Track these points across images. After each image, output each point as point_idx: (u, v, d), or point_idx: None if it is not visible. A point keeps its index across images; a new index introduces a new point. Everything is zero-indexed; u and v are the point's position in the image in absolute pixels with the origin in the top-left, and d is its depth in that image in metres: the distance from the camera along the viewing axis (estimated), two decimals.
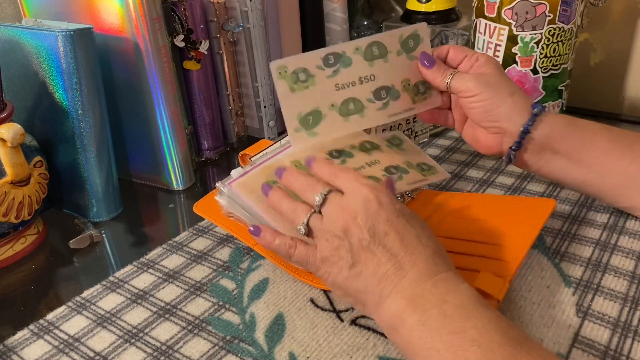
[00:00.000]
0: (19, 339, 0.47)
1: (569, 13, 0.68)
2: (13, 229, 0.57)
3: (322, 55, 0.48)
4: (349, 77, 0.50)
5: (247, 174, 0.53)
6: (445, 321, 0.36)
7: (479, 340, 0.34)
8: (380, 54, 0.51)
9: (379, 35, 0.51)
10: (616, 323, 0.44)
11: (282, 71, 0.46)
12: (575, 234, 0.54)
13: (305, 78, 0.47)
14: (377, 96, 0.52)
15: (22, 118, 0.66)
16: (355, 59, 0.50)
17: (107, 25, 0.65)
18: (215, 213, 0.56)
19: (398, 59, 0.53)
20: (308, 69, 0.47)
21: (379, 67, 0.51)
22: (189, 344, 0.45)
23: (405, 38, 0.53)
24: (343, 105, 0.50)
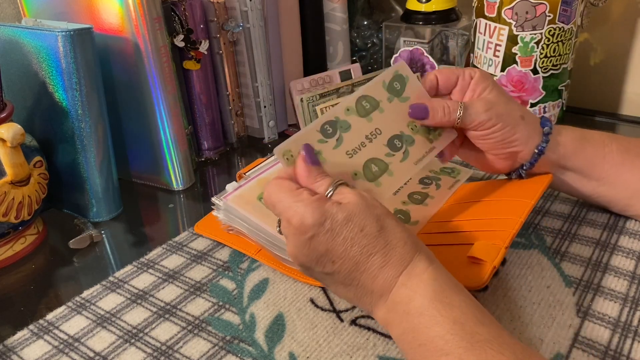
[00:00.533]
0: (19, 339, 0.47)
1: (569, 13, 0.68)
2: (13, 229, 0.57)
3: (318, 128, 0.45)
4: (356, 140, 0.47)
5: (242, 187, 0.54)
6: (415, 334, 0.36)
7: (445, 349, 0.34)
8: (373, 107, 0.48)
9: (363, 89, 0.48)
10: (616, 323, 0.44)
11: (289, 156, 0.43)
12: (576, 234, 0.54)
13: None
14: (393, 148, 0.48)
15: (22, 118, 0.66)
16: (352, 120, 0.47)
17: (107, 25, 0.65)
18: (216, 230, 0.57)
19: (391, 105, 0.50)
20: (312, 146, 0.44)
21: (378, 119, 0.48)
22: (189, 344, 0.45)
23: (389, 83, 0.50)
24: (366, 170, 0.46)
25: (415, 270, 0.38)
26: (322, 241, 0.39)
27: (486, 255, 0.43)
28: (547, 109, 0.74)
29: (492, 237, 0.45)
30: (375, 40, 0.95)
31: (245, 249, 0.55)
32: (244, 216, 0.51)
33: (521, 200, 0.49)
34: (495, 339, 0.34)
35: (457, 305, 0.36)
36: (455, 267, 0.43)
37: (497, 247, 0.44)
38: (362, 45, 0.96)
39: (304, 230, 0.39)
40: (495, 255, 0.43)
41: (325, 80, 0.82)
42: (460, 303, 0.36)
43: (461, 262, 0.44)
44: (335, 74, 0.82)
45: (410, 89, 0.51)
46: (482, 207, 0.51)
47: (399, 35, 0.85)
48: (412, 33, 0.83)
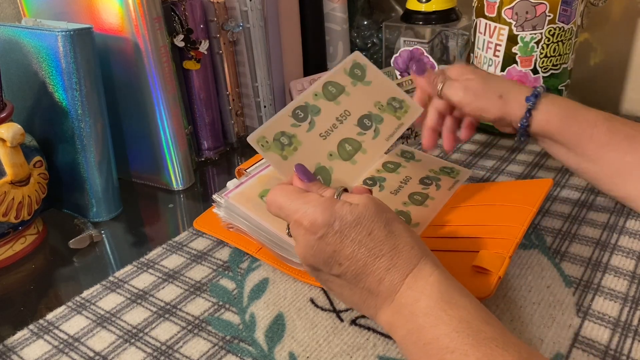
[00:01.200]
0: (19, 339, 0.47)
1: (569, 13, 0.68)
2: (13, 229, 0.57)
3: (289, 113, 0.48)
4: (327, 123, 0.50)
5: (243, 184, 0.54)
6: (420, 333, 0.36)
7: (451, 346, 0.34)
8: (339, 91, 0.52)
9: (327, 76, 0.52)
10: (616, 323, 0.44)
11: (264, 143, 0.45)
12: (576, 234, 0.54)
13: (289, 141, 0.46)
14: (363, 127, 0.52)
15: (22, 118, 0.66)
16: (321, 104, 0.50)
17: (107, 25, 0.65)
18: (216, 227, 0.57)
19: (356, 88, 0.53)
20: (286, 131, 0.47)
21: (345, 102, 0.51)
22: (188, 344, 0.45)
23: (349, 70, 0.53)
24: (340, 149, 0.49)
25: (422, 273, 0.38)
26: (331, 242, 0.39)
27: (491, 265, 0.43)
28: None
29: (496, 246, 0.46)
30: (375, 40, 0.95)
31: (245, 246, 0.55)
32: (245, 214, 0.51)
33: (523, 207, 0.49)
34: (501, 337, 0.34)
35: (463, 305, 0.36)
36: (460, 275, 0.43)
37: (501, 256, 0.44)
38: (362, 45, 0.96)
39: (314, 230, 0.39)
40: (500, 265, 0.43)
41: None
42: (466, 304, 0.36)
43: (466, 270, 0.45)
44: None
45: (371, 75, 0.55)
46: (485, 212, 0.52)
47: (399, 35, 0.85)
48: (412, 33, 0.83)
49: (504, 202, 0.52)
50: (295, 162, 0.46)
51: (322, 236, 0.39)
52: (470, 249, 0.46)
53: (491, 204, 0.52)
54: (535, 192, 0.51)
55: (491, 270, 0.43)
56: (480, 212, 0.52)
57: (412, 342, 0.37)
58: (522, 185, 0.54)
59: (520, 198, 0.51)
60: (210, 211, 0.59)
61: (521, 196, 0.51)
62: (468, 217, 0.52)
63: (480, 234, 0.48)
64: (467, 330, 0.35)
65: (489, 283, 0.42)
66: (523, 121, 0.55)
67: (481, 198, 0.54)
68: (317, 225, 0.39)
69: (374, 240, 0.39)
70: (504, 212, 0.50)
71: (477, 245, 0.47)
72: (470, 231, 0.49)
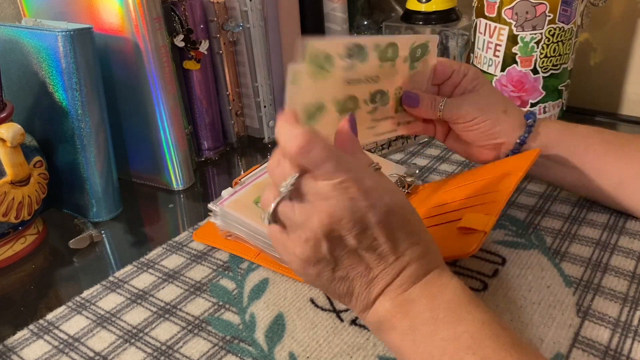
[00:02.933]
0: (19, 339, 0.47)
1: (569, 13, 0.68)
2: (13, 229, 0.57)
3: (348, 44, 0.45)
4: (359, 74, 0.48)
5: (238, 192, 0.54)
6: (437, 326, 0.35)
7: (474, 347, 0.34)
8: (392, 57, 0.50)
9: (397, 37, 0.50)
10: (616, 323, 0.44)
11: (314, 55, 0.41)
12: (576, 234, 0.54)
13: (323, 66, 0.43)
14: (372, 99, 0.51)
15: (22, 118, 0.66)
16: (372, 56, 0.48)
17: (107, 25, 0.65)
18: (215, 237, 0.57)
19: (403, 65, 0.52)
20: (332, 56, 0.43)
21: (385, 69, 0.50)
22: (188, 344, 0.45)
23: (415, 46, 0.52)
24: (345, 102, 0.48)
25: (445, 273, 0.39)
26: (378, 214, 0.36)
27: (476, 224, 0.43)
28: (547, 109, 0.74)
29: (482, 209, 0.45)
30: None
31: (245, 253, 0.55)
32: (241, 220, 0.52)
33: (509, 176, 0.49)
34: (518, 344, 0.34)
35: (484, 310, 0.36)
36: (447, 240, 0.43)
37: (486, 217, 0.44)
38: None
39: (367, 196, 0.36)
40: (485, 222, 0.43)
41: None
42: (487, 309, 0.37)
43: (452, 235, 0.44)
44: None
45: (423, 63, 0.54)
46: (472, 186, 0.52)
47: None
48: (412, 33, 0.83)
49: (490, 175, 0.52)
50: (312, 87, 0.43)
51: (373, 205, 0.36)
52: (456, 218, 0.46)
53: (478, 180, 0.52)
54: (521, 160, 0.51)
55: (476, 227, 0.42)
56: (467, 187, 0.52)
57: (426, 334, 0.35)
58: (509, 159, 0.54)
59: (505, 169, 0.51)
60: (208, 223, 0.60)
61: (506, 167, 0.51)
62: (455, 195, 0.52)
63: (466, 204, 0.48)
64: (489, 333, 0.34)
65: (475, 240, 0.42)
66: (524, 136, 0.54)
67: (469, 177, 0.54)
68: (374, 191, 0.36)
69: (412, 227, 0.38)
70: (490, 182, 0.50)
71: (463, 214, 0.46)
72: (457, 205, 0.49)
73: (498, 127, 0.54)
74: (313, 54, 0.41)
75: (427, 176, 0.67)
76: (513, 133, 0.55)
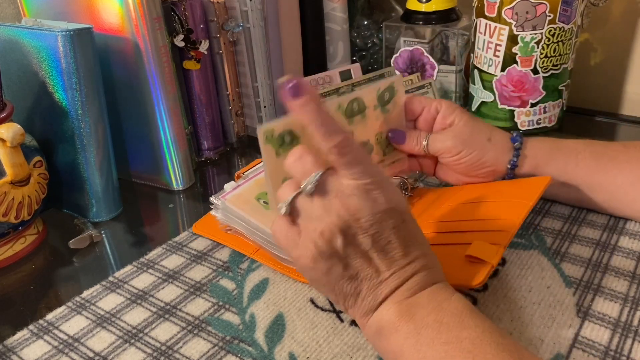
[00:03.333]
0: (19, 339, 0.47)
1: (569, 13, 0.68)
2: (13, 229, 0.57)
3: None
4: None
5: (240, 186, 0.54)
6: (440, 330, 0.36)
7: (474, 352, 0.34)
8: (359, 110, 0.50)
9: (360, 92, 0.50)
10: (616, 323, 0.44)
11: (269, 135, 0.43)
12: (576, 234, 0.54)
13: (290, 140, 0.44)
14: None
15: (22, 118, 0.66)
16: (337, 117, 0.49)
17: (107, 25, 0.65)
18: (215, 230, 0.57)
19: (374, 113, 0.52)
20: (294, 131, 0.44)
21: (356, 123, 0.51)
22: (188, 344, 0.45)
23: (382, 91, 0.52)
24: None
25: (449, 287, 0.39)
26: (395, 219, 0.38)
27: (484, 254, 0.43)
28: (547, 109, 0.74)
29: (491, 238, 0.45)
30: (375, 40, 0.95)
31: (244, 248, 0.55)
32: (242, 216, 0.51)
33: (520, 202, 0.49)
34: (517, 352, 0.35)
35: (485, 319, 0.37)
36: (454, 266, 0.43)
37: (495, 247, 0.44)
38: (362, 45, 0.95)
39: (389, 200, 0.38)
40: (493, 254, 0.43)
41: (325, 80, 0.82)
42: (487, 318, 0.37)
43: (459, 261, 0.44)
44: (335, 74, 0.82)
45: (394, 103, 0.54)
46: (482, 207, 0.51)
47: (399, 35, 0.85)
48: (412, 33, 0.83)
49: (501, 199, 0.51)
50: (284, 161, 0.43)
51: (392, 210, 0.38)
52: (464, 241, 0.46)
53: (488, 201, 0.52)
54: (533, 188, 0.51)
55: (484, 259, 0.42)
56: (476, 208, 0.52)
57: (429, 338, 0.36)
58: (519, 182, 0.54)
59: (517, 193, 0.51)
60: (209, 215, 0.60)
61: (518, 191, 0.51)
62: (465, 212, 0.52)
63: (476, 227, 0.48)
64: (490, 340, 0.35)
65: (481, 272, 0.42)
66: (513, 160, 0.54)
67: (478, 195, 0.54)
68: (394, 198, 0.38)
69: (425, 241, 0.41)
70: (500, 207, 0.50)
71: (472, 238, 0.46)
72: (466, 225, 0.49)
73: (485, 156, 0.54)
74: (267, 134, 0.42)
75: (426, 176, 0.67)
76: (502, 159, 0.55)
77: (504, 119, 0.75)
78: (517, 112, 0.74)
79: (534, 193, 0.49)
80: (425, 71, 0.83)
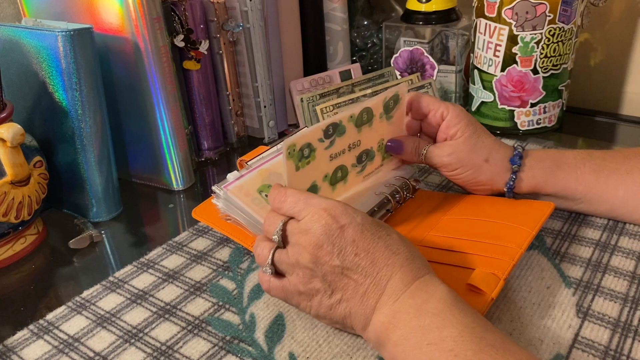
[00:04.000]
0: (19, 339, 0.47)
1: (569, 13, 0.68)
2: (13, 229, 0.57)
3: (323, 127, 0.48)
4: (341, 146, 0.50)
5: (243, 177, 0.54)
6: (424, 332, 0.36)
7: (456, 350, 0.35)
8: (368, 119, 0.52)
9: (370, 102, 0.51)
10: (616, 323, 0.44)
11: (292, 150, 0.45)
12: (576, 234, 0.54)
13: (309, 154, 0.47)
14: (359, 160, 0.53)
15: (22, 118, 0.66)
16: (349, 127, 0.50)
17: (107, 25, 0.65)
18: (214, 217, 0.57)
19: (379, 122, 0.53)
20: (312, 143, 0.47)
21: (364, 132, 0.52)
22: (188, 344, 0.45)
23: (387, 100, 0.53)
24: (333, 174, 0.50)
25: (432, 280, 0.40)
26: (351, 232, 0.40)
27: (485, 286, 0.43)
28: (547, 109, 0.74)
29: (492, 265, 0.45)
30: (375, 40, 0.95)
31: (241, 239, 0.54)
32: (243, 208, 0.51)
33: (523, 229, 0.49)
34: (502, 345, 0.35)
35: (469, 312, 0.37)
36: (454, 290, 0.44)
37: (496, 278, 0.44)
38: (362, 45, 0.95)
39: (337, 219, 0.40)
40: (494, 286, 0.43)
41: (325, 80, 0.82)
42: (472, 312, 0.37)
43: (460, 286, 0.44)
44: (335, 74, 0.82)
45: (398, 111, 0.55)
46: (484, 227, 0.51)
47: (399, 35, 0.85)
48: (412, 33, 0.83)
49: (505, 221, 0.51)
50: (302, 175, 0.47)
51: (344, 226, 0.40)
52: (466, 264, 0.46)
53: (491, 221, 0.52)
54: (537, 215, 0.51)
55: (485, 291, 0.43)
56: (479, 226, 0.52)
57: (414, 342, 0.36)
58: (524, 205, 0.54)
59: (520, 218, 0.51)
60: (209, 201, 0.59)
61: (522, 216, 0.51)
62: (467, 230, 0.52)
63: (478, 250, 0.48)
64: (471, 336, 0.35)
65: (482, 303, 0.42)
66: (510, 184, 0.54)
67: (482, 212, 0.54)
68: (340, 214, 0.41)
69: (392, 239, 0.41)
70: (504, 230, 0.50)
71: (474, 262, 0.47)
72: (468, 246, 0.49)
73: (480, 176, 0.54)
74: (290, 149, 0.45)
75: (427, 177, 0.67)
76: (498, 180, 0.54)
77: (503, 119, 0.75)
78: (517, 112, 0.74)
79: (537, 221, 0.50)
80: (425, 71, 0.83)
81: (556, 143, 0.74)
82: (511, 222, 0.51)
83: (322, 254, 0.40)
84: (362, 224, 0.41)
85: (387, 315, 0.39)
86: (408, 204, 0.58)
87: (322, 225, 0.40)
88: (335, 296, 0.41)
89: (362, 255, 0.40)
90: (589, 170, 0.53)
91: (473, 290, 0.44)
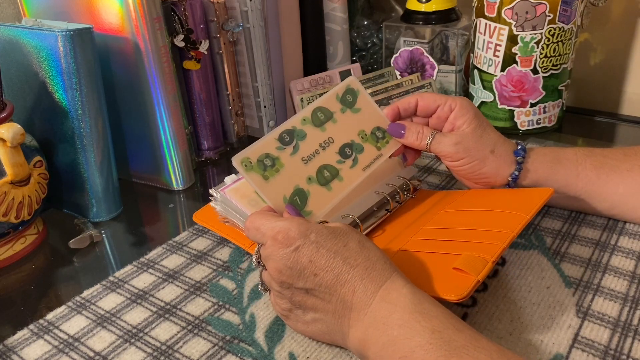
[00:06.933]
0: (19, 339, 0.47)
1: (569, 13, 0.68)
2: (13, 229, 0.57)
3: (276, 137, 0.49)
4: (310, 148, 0.51)
5: (240, 180, 0.54)
6: (395, 346, 0.36)
7: (426, 358, 0.35)
8: (327, 117, 0.52)
9: (318, 101, 0.52)
10: (616, 323, 0.44)
11: (247, 163, 0.46)
12: (575, 234, 0.54)
13: (272, 163, 0.48)
14: (343, 155, 0.53)
15: (22, 118, 0.66)
16: (307, 129, 0.51)
17: (107, 25, 0.65)
18: (214, 221, 0.57)
19: (344, 116, 0.53)
20: (270, 153, 0.48)
21: (331, 129, 0.52)
22: (188, 344, 0.45)
23: (342, 96, 0.53)
24: (318, 175, 0.51)
25: (394, 285, 0.39)
26: (307, 252, 0.40)
27: (471, 268, 0.42)
28: (547, 109, 0.74)
29: (481, 250, 0.44)
30: (375, 40, 0.95)
31: (240, 241, 0.54)
32: (240, 210, 0.52)
33: (517, 214, 0.48)
34: (472, 343, 0.35)
35: (435, 315, 0.37)
36: (439, 276, 0.43)
37: (483, 260, 0.43)
38: (362, 45, 0.96)
39: (290, 242, 0.40)
40: (481, 268, 0.42)
41: (325, 80, 0.82)
42: (437, 313, 0.37)
43: (446, 271, 0.44)
44: (335, 74, 0.82)
45: (362, 102, 0.55)
46: (478, 217, 0.51)
47: (399, 35, 0.85)
48: (412, 33, 0.83)
49: (501, 209, 0.51)
50: (277, 184, 0.47)
51: (299, 247, 0.40)
52: (454, 251, 0.45)
53: (488, 210, 0.52)
54: (533, 200, 0.50)
55: (470, 273, 0.42)
56: (475, 216, 0.51)
57: (388, 356, 0.37)
58: (522, 192, 0.53)
59: (516, 205, 0.50)
60: (209, 206, 0.59)
61: (518, 203, 0.51)
62: (462, 220, 0.51)
63: (470, 237, 0.47)
64: (440, 341, 0.35)
65: (466, 285, 0.41)
66: (515, 174, 0.54)
67: (479, 203, 0.54)
68: (293, 237, 0.40)
69: (349, 251, 0.40)
70: (497, 217, 0.49)
71: (463, 248, 0.46)
72: (461, 234, 0.49)
73: (485, 167, 0.54)
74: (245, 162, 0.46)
75: (427, 177, 0.67)
76: (502, 172, 0.54)
77: (503, 119, 0.75)
78: (516, 112, 0.74)
79: (533, 206, 0.49)
80: (425, 71, 0.83)
81: (556, 143, 0.74)
82: (507, 209, 0.50)
83: (284, 279, 0.41)
84: (317, 241, 0.40)
85: (360, 331, 0.39)
86: (408, 202, 0.58)
87: (278, 250, 0.41)
88: (308, 315, 0.42)
89: (322, 274, 0.40)
90: (590, 167, 0.53)
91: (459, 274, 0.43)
